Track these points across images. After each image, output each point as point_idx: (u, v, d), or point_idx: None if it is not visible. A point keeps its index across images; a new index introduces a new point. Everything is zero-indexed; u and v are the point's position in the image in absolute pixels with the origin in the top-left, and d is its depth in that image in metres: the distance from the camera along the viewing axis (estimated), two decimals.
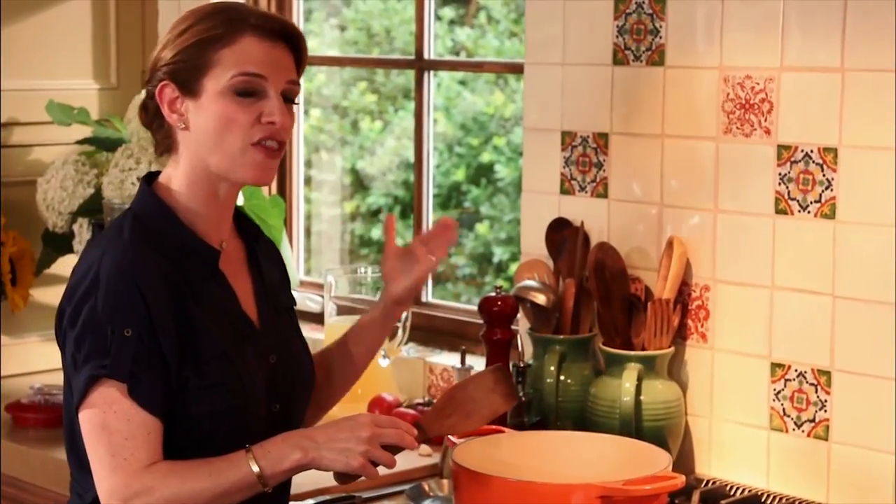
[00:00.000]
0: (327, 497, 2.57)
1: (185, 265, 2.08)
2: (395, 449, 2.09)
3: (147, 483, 1.99)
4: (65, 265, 3.48)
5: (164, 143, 2.13)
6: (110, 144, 3.31)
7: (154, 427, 2.01)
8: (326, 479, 2.65)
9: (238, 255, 2.19)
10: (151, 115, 2.13)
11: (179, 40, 2.08)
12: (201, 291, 2.08)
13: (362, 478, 2.10)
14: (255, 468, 2.02)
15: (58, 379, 3.07)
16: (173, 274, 2.05)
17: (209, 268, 2.11)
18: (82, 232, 3.24)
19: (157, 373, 2.01)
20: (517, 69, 3.21)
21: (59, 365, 2.12)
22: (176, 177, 2.12)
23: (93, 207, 3.21)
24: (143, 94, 2.15)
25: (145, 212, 2.10)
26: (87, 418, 2.01)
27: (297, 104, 2.16)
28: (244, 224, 2.23)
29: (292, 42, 2.11)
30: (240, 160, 2.07)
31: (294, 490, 2.63)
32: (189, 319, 2.04)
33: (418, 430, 2.14)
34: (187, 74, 2.07)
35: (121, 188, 3.12)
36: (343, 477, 2.10)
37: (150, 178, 2.15)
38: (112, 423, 1.99)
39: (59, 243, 3.35)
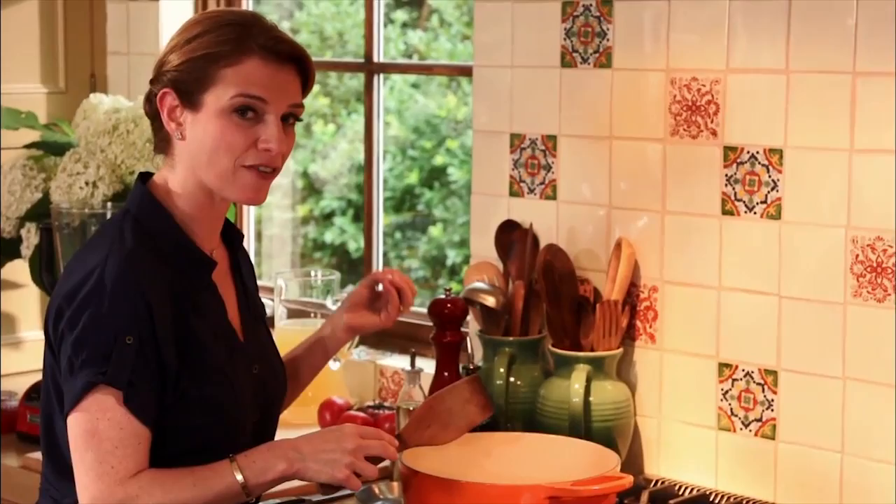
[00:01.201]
0: (277, 501, 2.57)
1: (185, 274, 2.07)
2: (376, 459, 2.11)
3: (131, 492, 1.97)
4: (12, 270, 3.46)
5: (161, 144, 2.12)
6: (58, 149, 3.29)
7: (144, 437, 2.00)
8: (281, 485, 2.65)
9: (224, 264, 2.18)
10: (152, 114, 2.11)
11: (188, 48, 2.06)
12: (200, 303, 2.08)
13: (345, 490, 2.10)
14: (240, 478, 2.02)
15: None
16: (175, 284, 2.04)
17: (206, 277, 2.10)
18: (30, 237, 3.22)
19: (153, 383, 2.00)
20: (467, 72, 3.22)
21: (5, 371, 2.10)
22: (172, 180, 2.10)
23: (41, 212, 3.19)
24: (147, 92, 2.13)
25: (144, 214, 2.08)
26: (77, 423, 1.99)
27: (301, 120, 2.14)
28: (230, 231, 2.21)
29: (300, 64, 2.09)
30: (231, 180, 2.06)
31: None
32: (190, 331, 2.04)
33: (399, 441, 2.17)
34: (190, 86, 2.05)
35: (69, 192, 3.11)
36: (327, 488, 2.10)
37: (145, 178, 2.13)
38: (104, 430, 1.97)
39: (6, 248, 3.32)
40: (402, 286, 2.32)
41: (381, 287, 2.33)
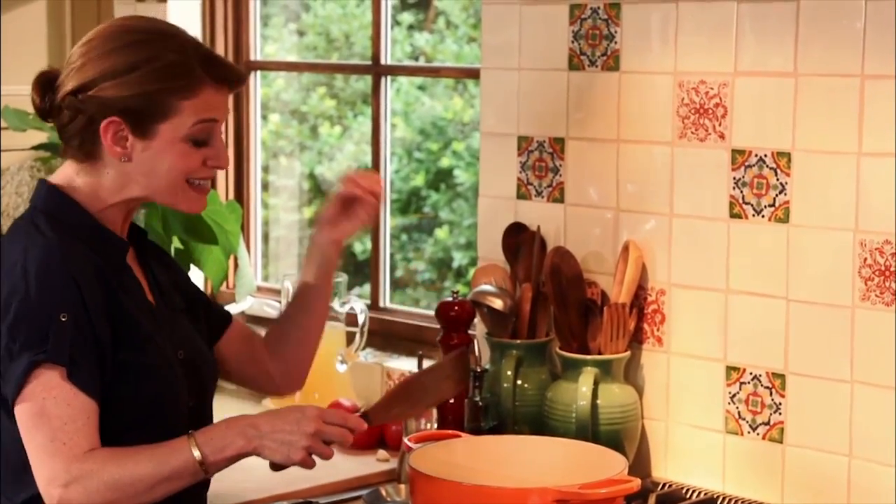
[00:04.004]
0: (285, 503, 2.57)
1: (105, 255, 2.12)
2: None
3: (87, 468, 2.00)
4: None
5: (79, 155, 2.15)
6: None
7: (92, 411, 2.03)
8: (284, 485, 2.65)
9: (132, 254, 2.23)
10: (74, 127, 2.13)
11: (135, 77, 2.09)
12: (122, 280, 2.13)
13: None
14: (198, 454, 2.04)
15: None
16: (98, 262, 2.09)
17: (121, 258, 2.16)
18: None
19: (93, 357, 2.04)
20: (474, 74, 3.22)
21: None
22: (88, 182, 2.15)
23: None
24: (66, 101, 2.13)
25: (54, 208, 2.14)
26: (24, 409, 2.02)
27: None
28: (131, 228, 2.27)
29: (240, 85, 2.19)
30: (181, 197, 2.15)
31: (250, 496, 2.63)
32: (118, 304, 2.08)
33: (366, 419, 2.18)
34: (143, 117, 2.10)
35: None
36: (279, 466, 2.13)
37: (46, 181, 2.19)
38: (51, 408, 2.01)
39: None
40: (369, 186, 2.36)
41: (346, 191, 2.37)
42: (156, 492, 2.03)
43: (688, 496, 2.64)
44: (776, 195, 2.57)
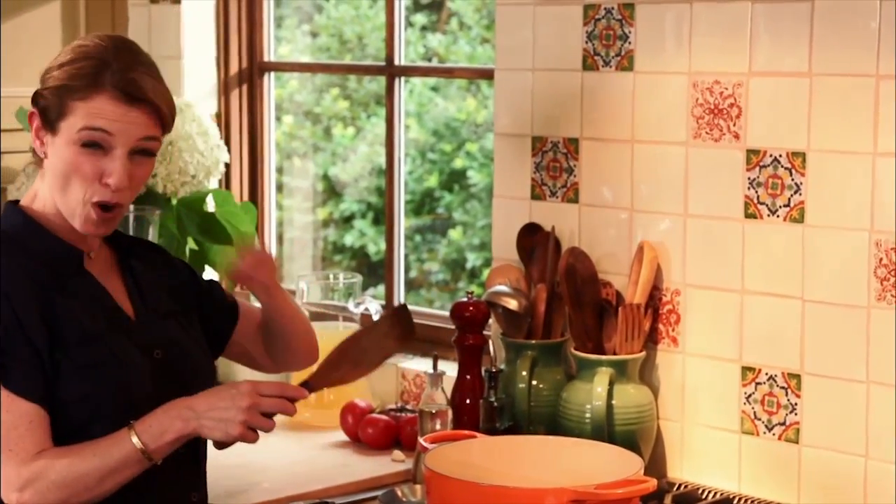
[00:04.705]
0: (299, 503, 2.57)
1: (51, 265, 2.16)
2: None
3: (36, 470, 2.05)
4: None
5: (36, 157, 2.21)
6: None
7: (35, 415, 2.07)
8: (300, 485, 2.66)
9: (106, 262, 2.26)
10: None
11: (58, 73, 2.16)
12: (67, 285, 2.16)
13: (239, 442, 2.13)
14: (138, 443, 2.08)
15: None
16: (37, 271, 2.14)
17: (74, 265, 2.19)
18: None
19: (28, 361, 2.08)
20: (488, 75, 3.22)
21: None
22: (42, 191, 2.19)
23: None
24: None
25: (11, 228, 2.19)
26: None
27: (154, 154, 2.19)
28: (115, 237, 2.29)
29: (152, 106, 2.15)
30: (79, 211, 2.15)
31: (266, 496, 2.64)
32: (54, 306, 2.12)
33: (307, 387, 2.19)
34: (50, 112, 2.16)
35: None
36: (223, 444, 2.15)
37: (14, 203, 2.23)
38: None
39: None
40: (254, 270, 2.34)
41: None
42: (105, 484, 2.08)
43: (703, 497, 2.63)
44: (791, 195, 2.57)
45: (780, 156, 2.58)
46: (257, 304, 2.42)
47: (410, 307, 3.44)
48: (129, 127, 2.13)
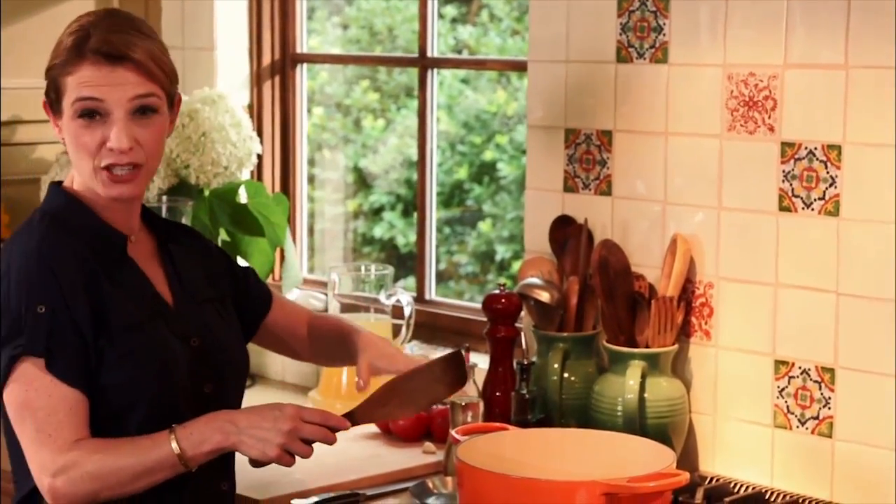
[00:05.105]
0: (331, 494, 2.57)
1: (96, 247, 2.16)
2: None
3: (72, 458, 2.06)
4: None
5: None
6: None
7: (76, 401, 2.08)
8: (330, 476, 2.66)
9: (147, 247, 2.27)
10: None
11: (52, 57, 2.18)
12: (113, 271, 2.16)
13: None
14: (177, 448, 2.08)
15: None
16: (84, 253, 2.13)
17: (118, 251, 2.19)
18: None
19: (73, 347, 2.08)
20: (520, 67, 3.21)
21: None
22: (76, 176, 2.21)
23: None
24: None
25: (55, 207, 2.19)
26: (11, 400, 2.08)
27: (155, 110, 2.17)
28: (154, 221, 2.31)
29: (135, 62, 2.14)
30: (95, 180, 2.15)
31: (299, 487, 2.64)
32: (101, 294, 2.12)
33: (350, 419, 2.19)
34: (52, 95, 2.18)
35: None
36: (258, 463, 2.15)
37: (57, 184, 2.24)
38: (34, 399, 2.06)
39: None
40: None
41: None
42: (138, 483, 2.09)
43: (735, 490, 2.62)
44: (826, 188, 2.55)
45: (816, 149, 2.57)
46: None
47: (440, 299, 3.46)
48: (117, 88, 2.12)
